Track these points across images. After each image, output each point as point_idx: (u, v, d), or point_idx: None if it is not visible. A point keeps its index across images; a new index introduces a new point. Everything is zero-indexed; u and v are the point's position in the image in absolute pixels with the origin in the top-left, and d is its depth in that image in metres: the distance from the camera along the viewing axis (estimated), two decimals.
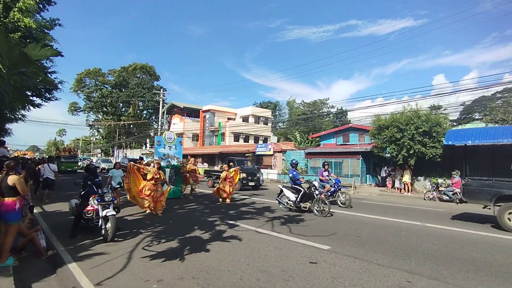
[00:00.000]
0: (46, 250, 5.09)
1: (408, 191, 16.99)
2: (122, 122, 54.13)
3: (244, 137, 41.35)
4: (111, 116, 60.33)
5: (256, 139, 42.09)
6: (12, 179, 4.44)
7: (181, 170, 12.78)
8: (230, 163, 15.83)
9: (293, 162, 10.23)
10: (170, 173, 12.22)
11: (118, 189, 9.76)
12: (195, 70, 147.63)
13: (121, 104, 62.43)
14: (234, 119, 43.22)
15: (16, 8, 10.35)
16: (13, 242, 4.65)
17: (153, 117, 62.45)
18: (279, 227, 7.32)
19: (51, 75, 14.94)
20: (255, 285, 3.83)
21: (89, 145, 74.38)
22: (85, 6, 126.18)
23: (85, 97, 61.95)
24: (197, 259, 4.84)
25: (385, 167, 19.43)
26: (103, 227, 5.89)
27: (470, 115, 40.96)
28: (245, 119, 42.84)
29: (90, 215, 6.10)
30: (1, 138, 17.37)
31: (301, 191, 9.36)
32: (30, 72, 4.70)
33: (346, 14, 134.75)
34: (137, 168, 9.29)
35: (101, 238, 5.90)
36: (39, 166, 12.15)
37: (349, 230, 7.14)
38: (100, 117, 63.50)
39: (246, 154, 29.96)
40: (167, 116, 48.52)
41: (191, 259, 4.84)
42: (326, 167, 11.53)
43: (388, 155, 18.50)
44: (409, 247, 5.76)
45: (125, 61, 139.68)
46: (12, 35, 10.12)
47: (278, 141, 41.19)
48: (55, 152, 35.38)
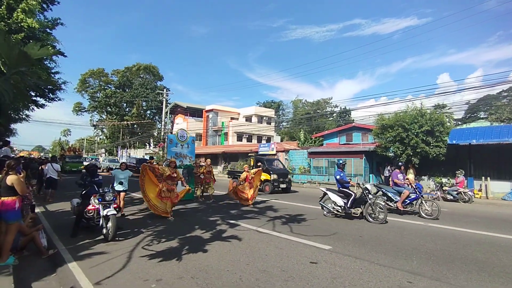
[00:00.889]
0: (47, 249, 5.11)
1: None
2: (126, 122, 54.46)
3: (247, 137, 41.36)
4: (115, 116, 60.73)
5: (259, 139, 42.06)
6: (11, 179, 4.45)
7: (194, 171, 12.03)
8: (259, 164, 15.26)
9: (340, 163, 9.16)
10: (183, 173, 11.61)
11: (122, 193, 8.51)
12: (199, 70, 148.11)
13: (125, 104, 62.78)
14: (237, 119, 43.24)
15: (20, 9, 10.43)
16: (14, 241, 4.67)
17: (157, 117, 62.65)
18: (280, 227, 7.29)
19: (55, 76, 15.04)
20: (254, 285, 3.81)
21: (94, 145, 74.89)
22: (89, 7, 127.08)
23: (89, 97, 62.44)
24: (197, 259, 4.83)
25: (389, 167, 19.30)
26: (104, 227, 5.91)
27: (475, 114, 40.58)
28: (248, 119, 42.83)
29: (91, 215, 6.11)
30: (6, 138, 17.55)
31: (352, 195, 8.30)
32: (31, 72, 4.73)
33: (350, 13, 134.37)
34: (152, 169, 8.39)
35: (102, 237, 5.92)
36: (42, 166, 12.24)
37: (351, 230, 7.09)
38: (104, 117, 63.91)
39: (249, 154, 29.94)
40: (171, 116, 48.63)
41: (191, 259, 4.83)
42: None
43: (392, 155, 18.38)
44: (411, 247, 5.70)
45: (129, 61, 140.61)
46: (15, 36, 10.18)
47: (282, 141, 41.13)
48: (60, 152, 35.55)
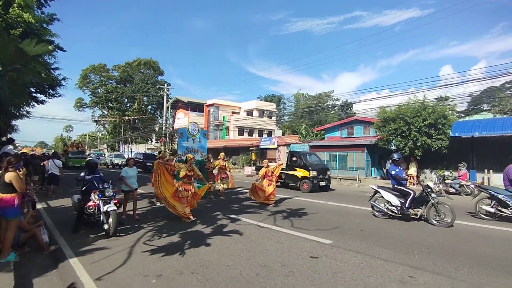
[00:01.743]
0: (49, 245, 5.12)
1: (414, 184, 16.80)
2: (127, 117, 54.49)
3: (249, 131, 41.30)
4: (116, 112, 60.76)
5: (261, 133, 41.99)
6: (9, 176, 4.44)
7: (206, 166, 11.16)
8: (293, 158, 14.34)
9: (395, 158, 8.09)
10: None
11: (135, 192, 7.83)
12: (199, 65, 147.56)
13: (126, 100, 62.74)
14: (239, 113, 43.13)
15: (16, 4, 10.33)
16: (15, 238, 4.68)
17: (158, 112, 62.61)
18: (281, 221, 7.28)
19: (54, 72, 14.95)
20: (254, 280, 3.80)
21: (96, 141, 75.08)
22: (89, 2, 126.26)
23: (91, 93, 62.35)
24: (197, 254, 4.83)
25: (390, 160, 19.22)
26: (105, 222, 5.92)
27: (478, 106, 40.24)
28: (249, 113, 42.71)
29: (92, 211, 6.10)
30: (10, 136, 17.57)
31: (410, 194, 7.37)
32: (27, 69, 4.68)
33: (350, 5, 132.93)
34: (166, 167, 7.60)
35: (103, 233, 5.92)
36: (44, 162, 12.26)
37: (352, 224, 7.07)
38: (106, 113, 63.92)
39: (251, 148, 29.94)
40: (172, 111, 48.61)
41: (191, 254, 4.83)
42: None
43: (394, 148, 18.28)
44: (413, 241, 5.67)
45: (130, 57, 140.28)
46: (13, 31, 10.10)
47: (283, 135, 41.04)
48: (63, 148, 35.58)
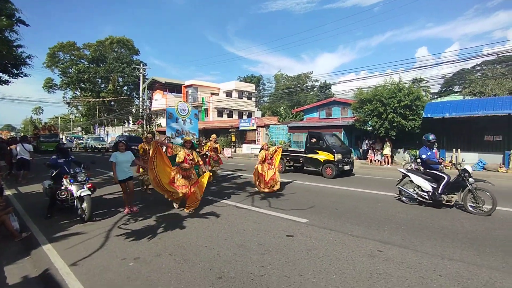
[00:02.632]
0: (20, 232, 4.98)
1: (388, 163, 17.47)
2: (102, 99, 52.31)
3: (228, 113, 40.95)
4: (90, 93, 58.06)
5: (240, 114, 41.76)
6: None
7: (198, 149, 10.28)
8: (313, 139, 12.90)
9: (429, 139, 7.33)
10: None
11: (130, 182, 6.52)
12: (176, 44, 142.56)
13: (100, 80, 59.99)
14: (218, 94, 42.49)
15: None
16: None
17: (134, 93, 60.49)
18: (259, 202, 7.41)
19: (17, 49, 13.92)
20: (232, 260, 3.89)
21: (69, 123, 72.02)
22: None
23: (61, 73, 58.97)
24: (175, 236, 4.86)
25: (366, 140, 19.82)
26: (79, 208, 5.79)
27: (450, 88, 41.75)
28: (229, 94, 42.18)
29: (64, 196, 5.90)
30: None
31: (444, 178, 6.71)
32: None
33: None
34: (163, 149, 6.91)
35: (78, 219, 5.81)
36: (11, 146, 11.65)
37: (328, 203, 7.31)
38: (78, 94, 61.00)
39: (230, 130, 29.82)
40: (149, 92, 47.19)
41: (169, 236, 4.86)
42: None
43: (370, 128, 18.78)
44: (384, 218, 5.96)
45: (101, 34, 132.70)
46: None
47: (263, 116, 41.04)
48: (34, 131, 33.84)
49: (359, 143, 21.35)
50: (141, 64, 42.59)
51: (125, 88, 61.18)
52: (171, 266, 3.72)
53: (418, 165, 14.86)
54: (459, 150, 15.79)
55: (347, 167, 12.57)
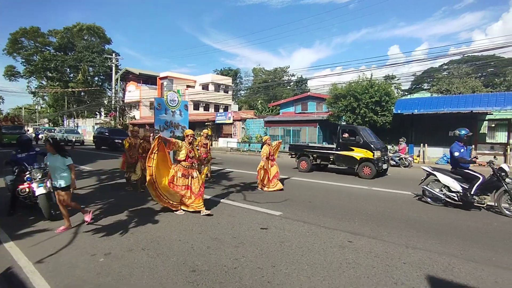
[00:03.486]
0: None
1: None
2: (71, 89, 49.74)
3: (204, 106, 40.47)
4: (57, 83, 54.95)
5: (217, 108, 41.39)
6: None
7: None
8: (345, 134, 11.55)
9: (462, 134, 6.50)
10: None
11: (62, 193, 4.90)
12: (151, 34, 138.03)
13: (68, 69, 56.92)
14: (194, 87, 41.80)
15: None
16: None
17: (106, 84, 58.03)
18: (234, 195, 7.44)
19: None
20: (205, 253, 3.90)
21: (34, 115, 68.07)
22: None
23: (24, 61, 55.33)
24: (148, 231, 4.78)
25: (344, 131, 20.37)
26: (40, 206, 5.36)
27: (420, 85, 43.64)
28: (205, 87, 41.61)
29: (25, 194, 5.45)
30: None
31: (478, 178, 6.13)
32: None
33: None
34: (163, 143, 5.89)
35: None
36: None
37: (302, 196, 7.47)
38: (44, 83, 57.60)
39: (206, 123, 29.52)
40: (122, 83, 45.51)
41: (142, 231, 4.76)
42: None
43: (344, 123, 19.29)
44: (355, 210, 6.19)
45: (68, 21, 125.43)
46: None
47: (240, 110, 40.94)
48: None
49: (333, 138, 21.85)
50: (114, 54, 40.88)
51: (96, 79, 58.51)
52: (144, 261, 3.66)
53: (389, 159, 15.52)
54: (426, 145, 16.62)
55: (385, 166, 11.25)
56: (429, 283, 3.15)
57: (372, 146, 10.72)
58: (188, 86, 40.75)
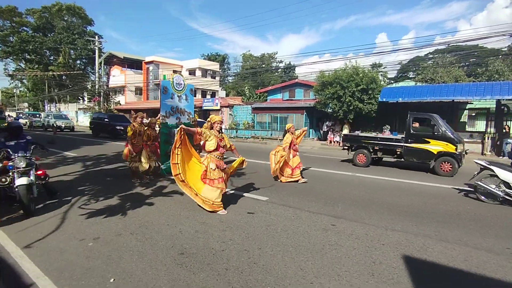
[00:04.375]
0: None
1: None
2: (51, 73, 47.93)
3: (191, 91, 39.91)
4: (37, 65, 52.78)
5: (204, 94, 40.93)
6: None
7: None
8: (415, 124, 10.24)
9: None
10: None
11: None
12: (136, 16, 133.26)
13: (48, 52, 54.63)
14: (180, 72, 40.88)
15: None
16: None
17: (89, 68, 56.10)
18: None
19: None
20: (193, 237, 4.01)
21: (12, 98, 65.46)
22: None
23: (0, 41, 52.70)
24: (137, 215, 4.84)
25: (327, 122, 20.67)
26: (18, 199, 4.84)
27: (406, 74, 44.31)
28: (192, 72, 40.95)
29: (6, 184, 4.92)
30: None
31: None
32: None
33: None
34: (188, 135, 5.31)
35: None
36: None
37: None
38: (23, 66, 55.20)
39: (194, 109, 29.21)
40: (106, 67, 44.23)
41: (130, 216, 4.82)
42: None
43: (330, 111, 19.55)
44: (339, 195, 6.41)
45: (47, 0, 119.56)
46: None
47: (227, 96, 40.63)
48: None
49: (320, 125, 22.16)
50: (97, 37, 39.47)
51: (78, 62, 56.40)
52: (133, 245, 3.74)
53: None
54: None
55: (463, 160, 9.61)
56: (405, 262, 3.37)
57: (455, 138, 9.33)
58: (175, 71, 39.49)
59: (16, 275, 3.05)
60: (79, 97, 50.49)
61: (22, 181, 4.75)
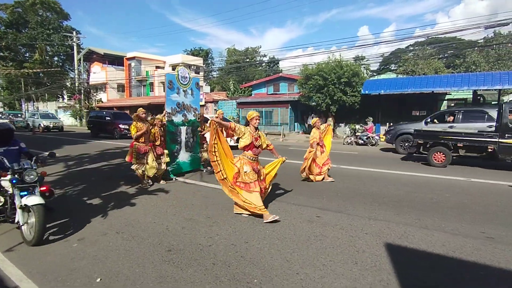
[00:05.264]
0: None
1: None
2: (27, 71, 46.10)
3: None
4: (11, 63, 50.61)
5: None
6: None
7: (200, 128, 8.47)
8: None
9: None
10: (187, 134, 8.10)
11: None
12: (115, 11, 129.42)
13: (23, 49, 52.46)
14: (163, 68, 40.32)
15: None
16: None
17: (67, 65, 54.29)
18: (208, 177, 7.54)
19: None
20: (180, 233, 4.01)
21: None
22: None
23: None
24: (122, 214, 4.79)
25: (312, 115, 20.90)
26: (23, 223, 3.79)
27: (387, 66, 45.11)
28: (175, 68, 40.30)
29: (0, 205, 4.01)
30: None
31: None
32: None
33: None
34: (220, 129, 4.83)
35: None
36: None
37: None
38: None
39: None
40: (85, 64, 42.92)
41: (116, 215, 4.77)
42: None
43: (314, 104, 19.75)
44: (324, 187, 6.54)
45: None
46: None
47: (212, 91, 40.29)
48: None
49: (305, 118, 22.37)
50: (74, 32, 38.20)
51: (56, 59, 54.47)
52: (119, 244, 3.71)
53: (357, 138, 16.22)
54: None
55: None
56: (387, 249, 3.50)
57: None
58: (158, 67, 39.27)
59: None
60: (58, 95, 48.87)
61: (36, 200, 3.71)
